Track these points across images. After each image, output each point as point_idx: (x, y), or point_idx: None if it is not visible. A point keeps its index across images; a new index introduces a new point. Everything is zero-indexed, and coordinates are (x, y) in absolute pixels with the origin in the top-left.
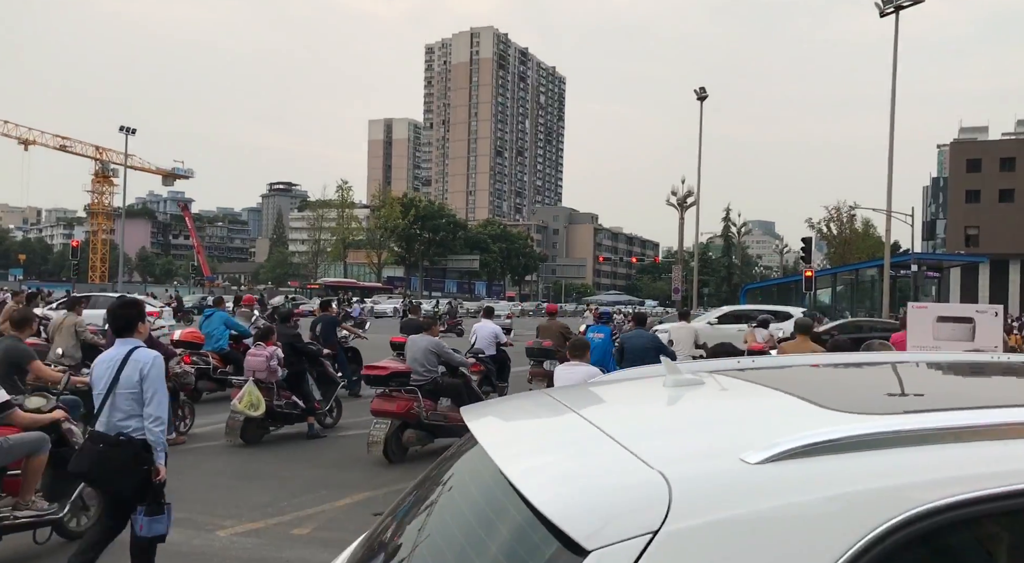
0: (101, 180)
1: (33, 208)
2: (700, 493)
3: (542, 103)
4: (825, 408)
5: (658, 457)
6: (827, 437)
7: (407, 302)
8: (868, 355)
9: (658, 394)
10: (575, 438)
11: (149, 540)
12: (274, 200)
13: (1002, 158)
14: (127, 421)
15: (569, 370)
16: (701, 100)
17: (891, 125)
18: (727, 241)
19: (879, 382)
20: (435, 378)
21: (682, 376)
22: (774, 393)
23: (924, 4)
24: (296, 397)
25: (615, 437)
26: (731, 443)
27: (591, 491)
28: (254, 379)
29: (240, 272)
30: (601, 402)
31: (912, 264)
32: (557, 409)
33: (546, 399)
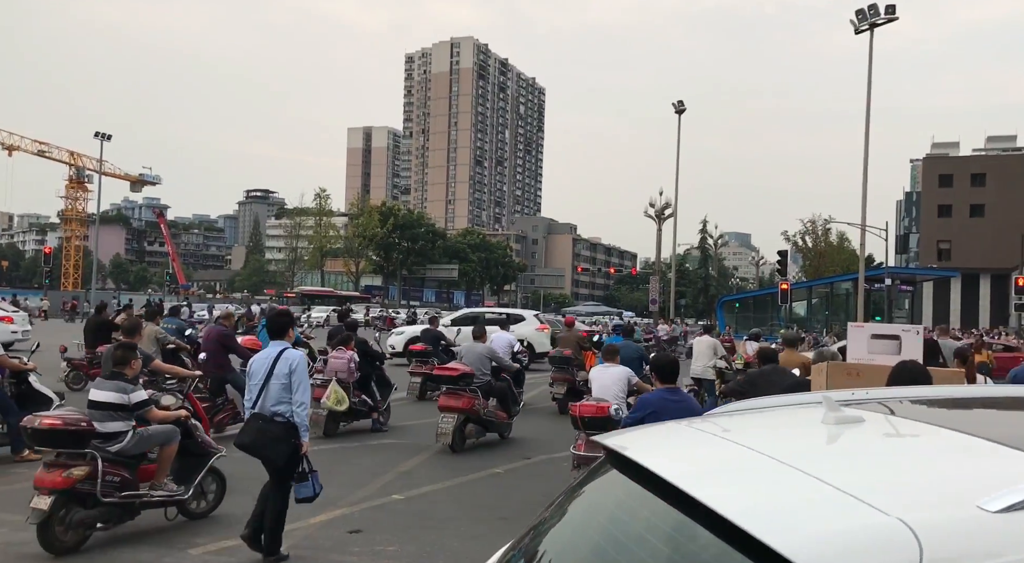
0: (75, 186)
1: (5, 213)
2: (949, 544)
3: (522, 113)
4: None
5: (887, 502)
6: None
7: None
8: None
9: (830, 431)
10: (775, 477)
11: (299, 501)
12: (251, 207)
13: (973, 174)
14: (278, 406)
15: (604, 370)
16: (679, 113)
17: (866, 140)
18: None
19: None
20: (489, 380)
21: (843, 413)
22: (949, 432)
23: (898, 22)
24: (365, 396)
25: (819, 477)
26: (956, 489)
27: (830, 535)
28: (336, 379)
29: (216, 280)
30: (775, 437)
31: (886, 278)
32: (725, 442)
33: (705, 431)
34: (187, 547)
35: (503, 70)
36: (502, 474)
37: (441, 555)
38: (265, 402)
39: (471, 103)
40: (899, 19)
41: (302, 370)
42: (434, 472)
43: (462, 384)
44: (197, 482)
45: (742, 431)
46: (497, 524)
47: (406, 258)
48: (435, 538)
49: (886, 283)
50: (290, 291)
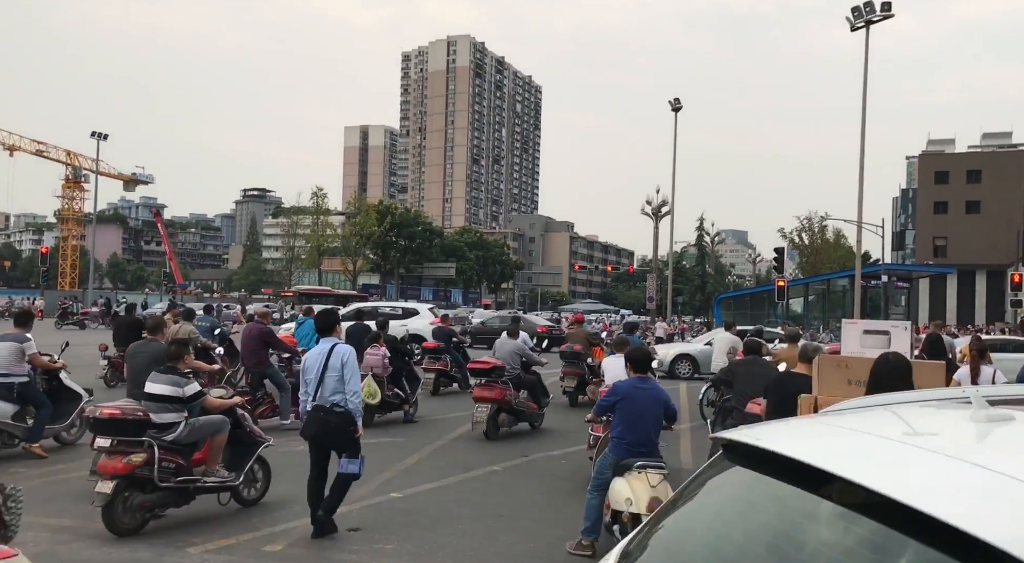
0: (72, 185)
1: (1, 213)
2: None
3: (518, 112)
4: None
5: None
6: None
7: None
8: None
9: (986, 428)
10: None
11: (347, 477)
12: (248, 206)
13: (969, 170)
14: (334, 395)
15: (615, 360)
16: (675, 111)
17: (862, 137)
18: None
19: None
20: (519, 374)
21: (993, 411)
22: None
23: (894, 20)
24: (397, 389)
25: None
26: None
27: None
28: (372, 374)
29: (213, 279)
30: (929, 432)
31: (882, 275)
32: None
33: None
34: (186, 546)
35: (500, 68)
36: (500, 472)
37: (439, 553)
38: (323, 393)
39: (468, 101)
40: (895, 16)
41: (352, 363)
42: (433, 470)
43: (494, 376)
44: (247, 469)
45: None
46: (495, 522)
47: (403, 257)
48: (433, 536)
49: (882, 280)
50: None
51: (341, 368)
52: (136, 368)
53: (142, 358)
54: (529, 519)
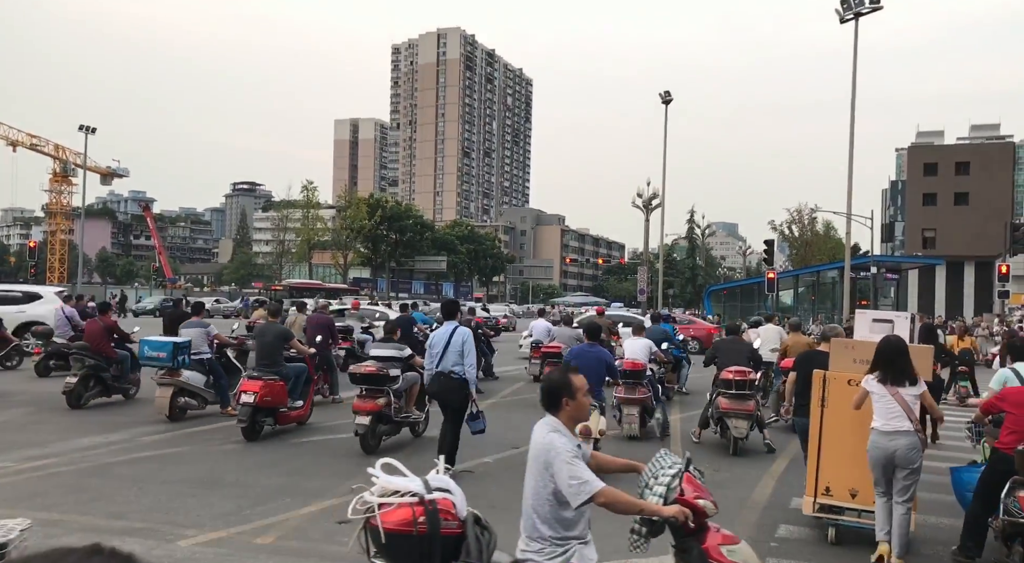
0: (60, 179)
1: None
2: None
3: (509, 105)
4: None
5: None
6: None
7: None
8: None
9: None
10: None
11: (474, 433)
12: (238, 200)
13: (957, 162)
14: (454, 367)
15: (634, 341)
16: (666, 103)
17: (851, 129)
18: (691, 243)
19: None
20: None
21: None
22: None
23: (883, 11)
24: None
25: None
26: None
27: None
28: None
29: (203, 273)
30: None
31: (872, 266)
32: None
33: None
34: (176, 539)
35: (490, 61)
36: (492, 463)
37: None
38: (445, 364)
39: (458, 94)
40: (883, 8)
41: (470, 342)
42: (424, 463)
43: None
44: (426, 411)
45: None
46: (487, 512)
47: (394, 250)
48: None
49: (872, 271)
50: (278, 284)
51: (461, 345)
52: (264, 344)
53: (269, 336)
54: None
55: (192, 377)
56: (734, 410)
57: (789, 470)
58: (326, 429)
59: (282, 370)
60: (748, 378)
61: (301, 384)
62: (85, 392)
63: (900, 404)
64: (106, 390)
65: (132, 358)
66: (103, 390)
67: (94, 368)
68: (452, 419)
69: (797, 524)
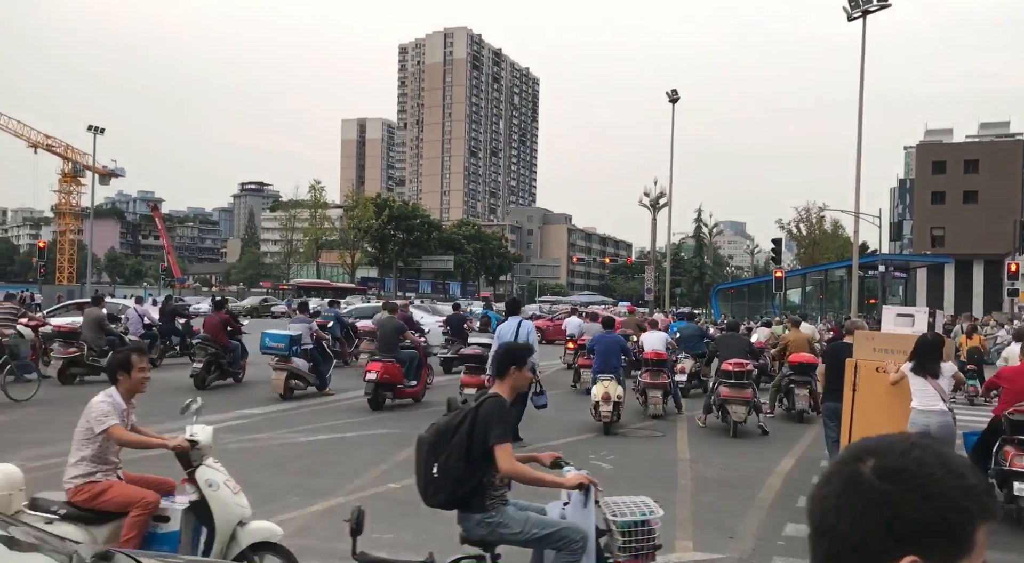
0: (69, 179)
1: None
2: None
3: (516, 104)
4: None
5: None
6: None
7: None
8: None
9: None
10: None
11: (538, 407)
12: (246, 200)
13: (966, 160)
14: None
15: (652, 334)
16: (673, 102)
17: (859, 127)
18: (699, 241)
19: None
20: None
21: None
22: None
23: (891, 9)
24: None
25: None
26: None
27: None
28: None
29: (211, 273)
30: None
31: (880, 265)
32: None
33: None
34: None
35: (497, 60)
36: None
37: (436, 542)
38: None
39: (465, 94)
40: (891, 6)
41: (533, 332)
42: None
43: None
44: None
45: None
46: None
47: (401, 250)
48: (430, 525)
49: (880, 270)
50: (285, 283)
51: (527, 336)
52: (384, 335)
53: (388, 329)
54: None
55: (300, 364)
56: (734, 397)
57: (796, 469)
58: (331, 429)
59: (398, 355)
60: (746, 369)
61: (414, 367)
62: (208, 375)
63: (934, 388)
64: (222, 374)
65: (241, 347)
66: (221, 374)
67: (213, 356)
68: (516, 400)
69: (805, 523)
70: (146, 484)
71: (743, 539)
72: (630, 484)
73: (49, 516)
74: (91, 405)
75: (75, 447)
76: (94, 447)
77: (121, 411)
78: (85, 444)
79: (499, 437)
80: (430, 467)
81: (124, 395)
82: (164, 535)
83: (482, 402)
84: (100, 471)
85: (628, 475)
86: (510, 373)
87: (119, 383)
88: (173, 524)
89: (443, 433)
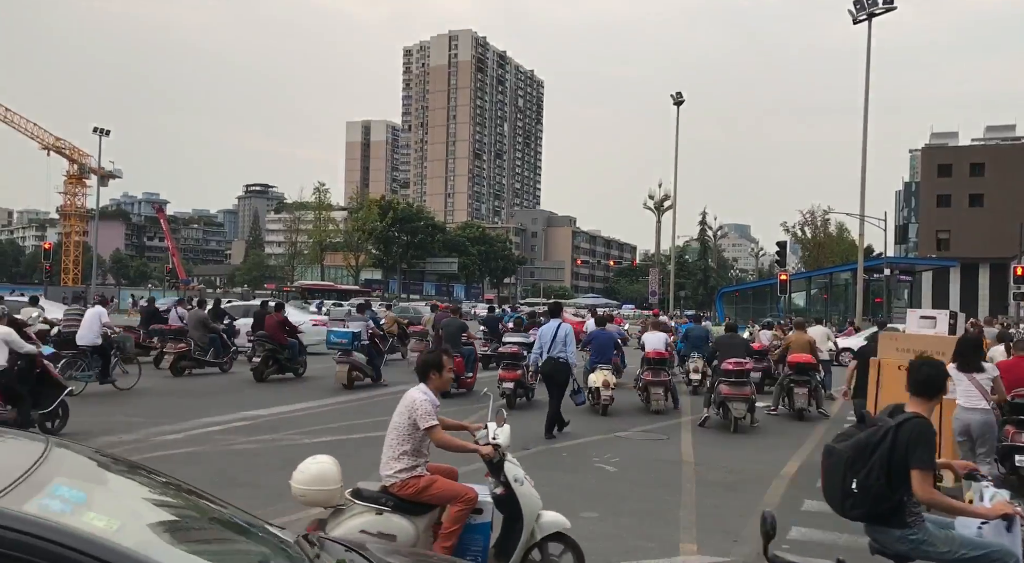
0: (74, 181)
1: (3, 209)
2: None
3: (520, 106)
4: None
5: None
6: None
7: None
8: None
9: None
10: None
11: (577, 405)
12: (250, 202)
13: (972, 163)
14: (559, 354)
15: (653, 333)
16: (678, 105)
17: (864, 130)
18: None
19: None
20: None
21: None
22: None
23: (897, 12)
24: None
25: None
26: None
27: None
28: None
29: (216, 274)
30: None
31: (885, 268)
32: None
33: None
34: None
35: (501, 63)
36: None
37: None
38: (553, 350)
39: (469, 96)
40: (897, 9)
41: (571, 334)
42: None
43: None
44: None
45: None
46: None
47: (406, 252)
48: None
49: (885, 273)
50: (289, 285)
51: (564, 337)
52: (450, 333)
53: (452, 327)
54: None
55: (359, 357)
56: (734, 395)
57: (801, 473)
58: (337, 430)
59: (461, 350)
60: (746, 368)
61: (472, 362)
62: (265, 369)
63: (976, 386)
64: (280, 369)
65: (300, 345)
66: (278, 368)
67: (271, 352)
68: (556, 395)
69: (809, 526)
70: (439, 472)
71: (748, 542)
72: (634, 487)
73: (380, 508)
74: (414, 402)
75: (396, 441)
76: (415, 442)
77: (436, 409)
78: (407, 439)
79: (920, 461)
80: (848, 482)
81: (433, 393)
82: (478, 525)
83: (904, 422)
84: (419, 464)
85: (632, 478)
86: (430, 377)
87: (429, 381)
88: (485, 515)
89: (862, 449)
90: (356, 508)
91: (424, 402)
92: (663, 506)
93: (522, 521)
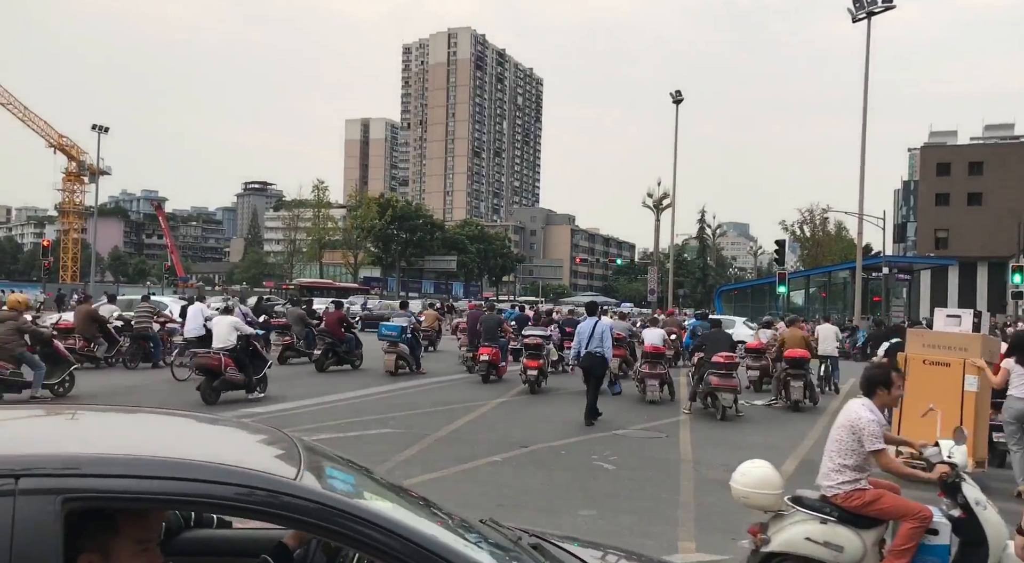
0: (73, 178)
1: (2, 206)
2: None
3: (519, 104)
4: None
5: None
6: None
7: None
8: None
9: None
10: None
11: (614, 394)
12: (249, 199)
13: (971, 162)
14: (597, 348)
15: (651, 330)
16: (677, 103)
17: (863, 129)
18: (702, 243)
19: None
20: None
21: None
22: None
23: (895, 10)
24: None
25: None
26: None
27: None
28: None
29: (214, 272)
30: None
31: (883, 267)
32: None
33: None
34: None
35: (501, 61)
36: (501, 462)
37: None
38: (591, 346)
39: (469, 94)
40: (896, 7)
41: (608, 331)
42: (433, 461)
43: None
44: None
45: None
46: (494, 512)
47: (404, 250)
48: None
49: (883, 272)
50: (288, 283)
51: (602, 333)
52: (489, 328)
53: (492, 322)
54: (528, 508)
55: (404, 349)
56: (723, 386)
57: (799, 471)
58: (345, 426)
59: (498, 342)
60: (733, 361)
61: (506, 352)
62: (325, 361)
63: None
64: (339, 360)
65: (356, 339)
66: (337, 360)
67: (330, 345)
68: (593, 386)
69: None
70: (882, 488)
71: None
72: (633, 485)
73: (824, 517)
74: (859, 419)
75: (836, 453)
76: (857, 458)
77: (884, 429)
78: (849, 454)
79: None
80: None
81: (879, 408)
82: (935, 547)
83: None
84: (862, 478)
85: (630, 476)
86: (877, 393)
87: (875, 397)
88: (942, 537)
89: None
90: (798, 515)
91: (871, 422)
92: (661, 504)
93: (986, 546)
